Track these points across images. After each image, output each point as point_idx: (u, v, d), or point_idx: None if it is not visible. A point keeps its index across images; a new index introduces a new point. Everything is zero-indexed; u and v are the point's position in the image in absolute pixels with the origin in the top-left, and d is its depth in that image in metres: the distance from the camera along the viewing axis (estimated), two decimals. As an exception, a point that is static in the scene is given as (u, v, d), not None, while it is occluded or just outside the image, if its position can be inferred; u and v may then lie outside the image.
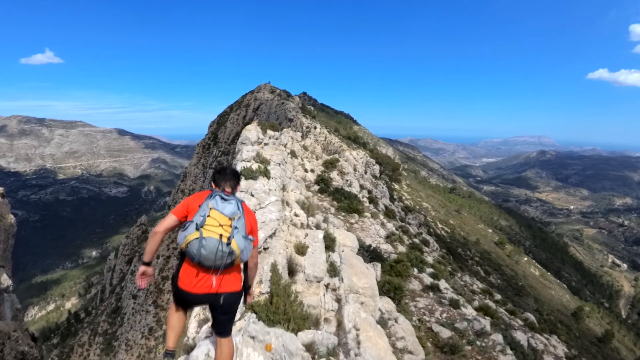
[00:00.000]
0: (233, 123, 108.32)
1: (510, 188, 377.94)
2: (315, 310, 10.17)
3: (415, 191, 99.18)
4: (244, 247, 4.32)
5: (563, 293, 78.35)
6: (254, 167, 13.24)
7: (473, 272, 50.65)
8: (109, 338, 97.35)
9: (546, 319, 45.33)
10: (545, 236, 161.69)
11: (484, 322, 19.01)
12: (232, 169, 5.03)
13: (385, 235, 31.33)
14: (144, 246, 16.30)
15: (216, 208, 4.34)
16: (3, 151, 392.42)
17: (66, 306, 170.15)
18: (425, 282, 23.39)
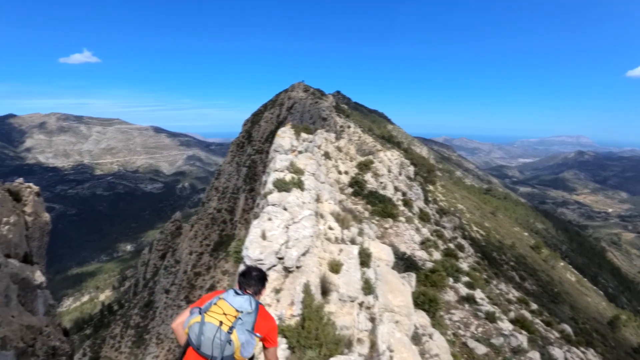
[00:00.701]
0: (267, 122, 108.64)
1: (547, 189, 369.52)
2: (348, 331, 9.83)
3: (450, 192, 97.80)
4: (245, 341, 4.07)
5: (599, 300, 76.21)
6: (287, 178, 12.94)
7: (508, 277, 49.67)
8: (140, 331, 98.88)
9: (582, 328, 44.10)
10: (582, 240, 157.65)
11: (521, 339, 18.39)
12: (258, 273, 4.86)
13: (420, 241, 30.81)
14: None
15: (225, 299, 4.26)
16: (42, 147, 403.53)
17: (100, 298, 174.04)
18: (461, 293, 22.82)
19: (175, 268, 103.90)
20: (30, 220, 16.12)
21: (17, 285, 12.90)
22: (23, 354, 12.45)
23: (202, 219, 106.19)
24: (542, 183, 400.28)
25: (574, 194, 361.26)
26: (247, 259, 9.37)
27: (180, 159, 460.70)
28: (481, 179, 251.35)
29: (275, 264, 9.47)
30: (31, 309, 14.26)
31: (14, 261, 13.47)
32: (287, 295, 8.85)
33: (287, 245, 9.64)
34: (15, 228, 13.85)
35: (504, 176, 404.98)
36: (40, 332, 14.11)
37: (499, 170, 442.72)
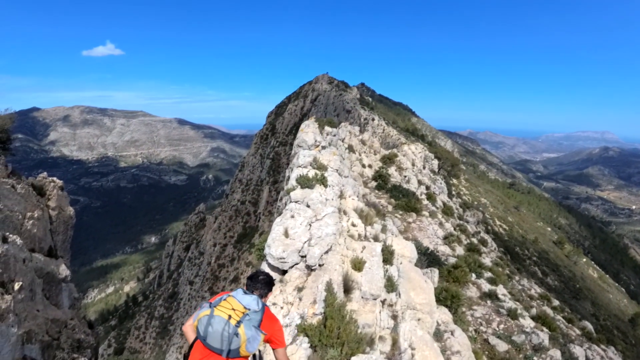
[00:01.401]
0: (291, 114, 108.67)
1: (571, 185, 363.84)
2: (370, 329, 9.86)
3: (474, 186, 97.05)
4: (251, 336, 4.22)
5: (621, 297, 75.01)
6: (311, 174, 12.93)
7: (530, 273, 49.21)
8: (164, 322, 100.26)
9: (603, 324, 43.54)
10: (605, 237, 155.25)
11: (542, 336, 18.24)
12: (265, 277, 5.07)
13: (443, 235, 30.67)
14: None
15: (235, 297, 4.46)
16: (66, 140, 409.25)
17: (125, 290, 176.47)
18: (483, 289, 22.71)
19: (199, 260, 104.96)
20: (55, 214, 16.37)
21: (41, 279, 13.17)
22: (48, 347, 12.72)
23: (226, 210, 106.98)
24: (566, 178, 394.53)
25: (598, 190, 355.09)
26: (270, 257, 9.45)
27: (204, 151, 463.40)
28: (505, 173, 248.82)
29: (297, 262, 9.53)
30: (56, 303, 14.53)
31: (39, 255, 13.72)
32: (309, 294, 8.90)
33: (309, 243, 9.68)
34: (40, 222, 14.09)
35: (528, 171, 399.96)
36: (65, 325, 14.38)
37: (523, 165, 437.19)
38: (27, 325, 11.23)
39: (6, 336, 9.53)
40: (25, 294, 11.28)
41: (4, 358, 9.57)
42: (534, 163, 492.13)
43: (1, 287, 9.89)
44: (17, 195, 13.30)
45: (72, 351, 14.24)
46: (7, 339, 9.60)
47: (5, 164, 13.84)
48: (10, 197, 12.90)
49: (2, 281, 10.09)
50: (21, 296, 10.87)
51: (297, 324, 8.20)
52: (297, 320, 8.31)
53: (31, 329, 11.49)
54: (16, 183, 13.57)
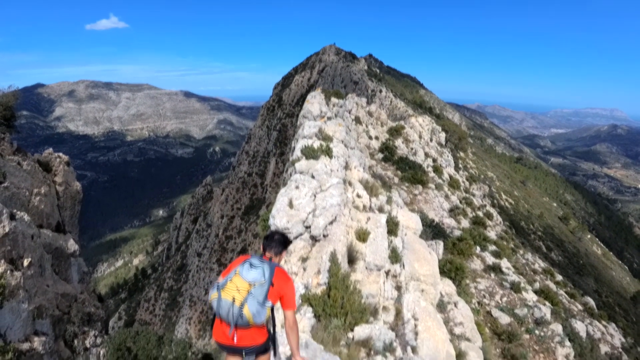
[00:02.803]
0: (297, 85, 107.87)
1: (578, 161, 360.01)
2: (374, 299, 9.92)
3: (481, 160, 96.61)
4: (255, 311, 4.56)
5: (624, 275, 75.12)
6: (316, 145, 12.83)
7: (535, 247, 49.32)
8: (174, 294, 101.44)
9: (605, 301, 43.72)
10: (611, 214, 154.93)
11: (544, 310, 18.33)
12: (280, 236, 5.35)
13: (449, 208, 30.68)
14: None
15: (240, 274, 4.73)
16: (72, 115, 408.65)
17: (134, 263, 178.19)
18: (487, 262, 22.78)
19: (207, 232, 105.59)
20: (61, 190, 16.39)
21: (50, 255, 13.25)
22: (59, 322, 12.88)
23: (233, 183, 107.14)
24: (573, 155, 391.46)
25: (605, 168, 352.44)
26: (274, 227, 9.45)
27: (211, 123, 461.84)
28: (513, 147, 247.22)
29: (302, 232, 9.53)
30: (65, 277, 14.65)
31: (47, 231, 13.78)
32: (313, 264, 8.91)
33: (314, 214, 9.66)
34: (47, 198, 14.12)
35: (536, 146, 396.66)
36: (75, 299, 14.50)
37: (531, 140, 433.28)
38: (37, 301, 11.29)
39: (17, 312, 9.62)
40: (35, 269, 11.34)
41: (16, 334, 9.68)
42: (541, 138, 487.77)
43: (11, 263, 9.91)
44: (23, 172, 13.31)
45: (82, 324, 14.41)
46: (18, 315, 9.69)
47: (10, 142, 13.85)
48: (16, 174, 12.89)
49: (11, 258, 10.10)
50: (31, 272, 10.89)
51: (301, 294, 8.24)
52: (302, 290, 8.35)
53: (41, 304, 11.57)
54: (22, 160, 13.56)
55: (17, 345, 9.63)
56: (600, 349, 20.34)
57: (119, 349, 12.77)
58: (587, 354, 17.87)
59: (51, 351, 11.51)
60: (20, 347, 9.76)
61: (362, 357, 7.54)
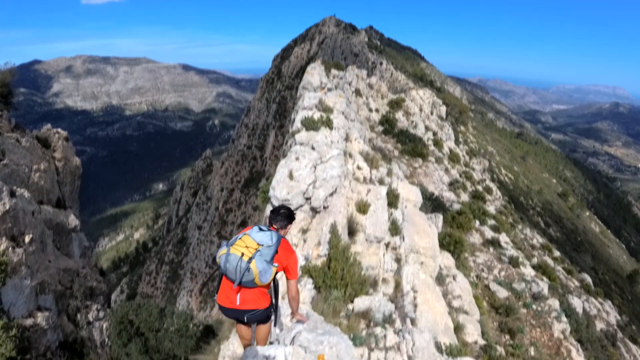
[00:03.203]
0: (297, 57, 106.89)
1: (579, 138, 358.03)
2: (374, 271, 9.91)
3: (481, 134, 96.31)
4: (262, 269, 4.72)
5: (621, 253, 75.51)
6: (316, 116, 12.67)
7: (533, 223, 49.42)
8: (174, 267, 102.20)
9: (601, 278, 43.98)
10: (610, 192, 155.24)
11: (542, 285, 18.39)
12: (286, 210, 5.48)
13: (448, 182, 30.64)
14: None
15: (250, 234, 4.93)
16: (70, 91, 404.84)
17: (135, 237, 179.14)
18: (486, 236, 22.81)
19: (206, 205, 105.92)
20: (61, 166, 16.40)
21: (51, 231, 13.35)
22: (62, 297, 13.05)
23: (233, 156, 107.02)
24: (574, 131, 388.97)
25: (605, 145, 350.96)
26: (274, 199, 9.37)
27: (210, 96, 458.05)
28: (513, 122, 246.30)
29: (302, 204, 9.46)
30: (67, 252, 14.78)
31: (47, 207, 13.85)
32: (314, 236, 8.87)
33: (314, 186, 9.57)
34: (46, 174, 14.12)
35: (537, 121, 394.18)
36: (77, 274, 14.67)
37: (532, 115, 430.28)
38: (39, 277, 11.37)
39: (20, 289, 9.70)
40: (36, 245, 11.38)
41: (19, 310, 9.82)
42: (542, 114, 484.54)
43: (12, 240, 9.96)
44: (22, 148, 13.31)
45: (85, 299, 14.58)
46: (21, 291, 9.78)
47: (8, 119, 13.79)
48: (15, 151, 12.90)
49: (12, 235, 10.14)
50: (32, 248, 10.95)
51: (301, 265, 8.23)
52: (302, 261, 8.34)
53: (44, 279, 11.66)
54: (20, 137, 13.55)
55: (21, 321, 9.77)
56: (595, 325, 20.51)
57: (122, 322, 12.90)
58: (582, 330, 17.99)
59: (54, 326, 11.61)
60: (24, 323, 9.91)
61: (361, 328, 7.54)
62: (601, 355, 17.28)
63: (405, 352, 6.80)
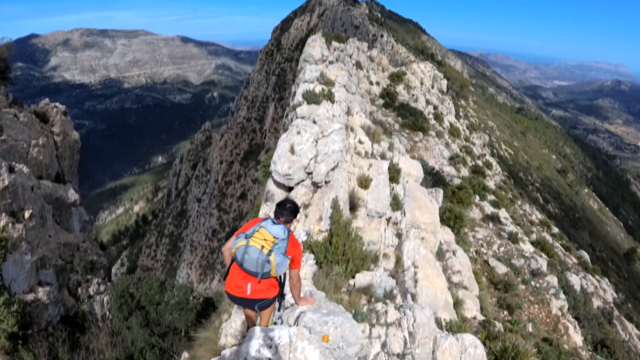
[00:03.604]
0: (297, 29, 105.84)
1: (579, 115, 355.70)
2: (375, 246, 9.86)
3: (482, 108, 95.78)
4: (280, 262, 4.98)
5: (618, 231, 75.72)
6: (317, 89, 12.48)
7: (532, 198, 49.46)
8: (174, 239, 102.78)
9: (598, 256, 44.16)
10: (609, 170, 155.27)
11: (541, 262, 18.41)
12: (291, 205, 5.66)
13: (449, 156, 30.54)
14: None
15: (265, 227, 5.10)
16: (67, 64, 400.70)
17: (135, 210, 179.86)
18: (486, 211, 22.79)
19: (206, 177, 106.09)
20: (59, 140, 16.41)
21: (51, 205, 13.44)
22: (62, 271, 13.16)
23: (232, 128, 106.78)
24: (575, 108, 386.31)
25: (606, 123, 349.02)
26: (275, 173, 9.26)
27: (209, 69, 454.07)
28: (514, 97, 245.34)
29: (303, 179, 9.35)
30: (67, 227, 14.88)
31: (47, 182, 13.91)
32: (315, 211, 8.79)
33: (316, 160, 9.43)
34: (45, 149, 14.10)
35: (538, 97, 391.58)
36: (77, 248, 14.83)
37: (533, 91, 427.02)
38: (40, 252, 11.46)
39: (20, 264, 9.76)
40: (36, 221, 11.45)
41: (20, 285, 9.93)
42: (544, 89, 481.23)
43: (12, 216, 10.06)
44: (20, 124, 13.31)
45: (85, 273, 14.71)
46: (22, 266, 9.85)
47: (5, 94, 13.75)
48: (13, 126, 12.91)
49: (12, 210, 10.24)
50: (32, 224, 11.05)
51: (303, 240, 8.17)
52: (303, 237, 8.28)
53: (44, 254, 11.74)
54: (18, 112, 13.55)
55: (22, 297, 9.91)
56: (592, 302, 20.60)
57: (122, 296, 12.93)
58: (580, 308, 18.09)
59: (55, 301, 11.70)
60: (25, 299, 10.03)
61: (362, 304, 7.52)
62: (598, 333, 17.39)
63: (406, 328, 6.79)
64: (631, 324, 21.44)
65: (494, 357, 10.14)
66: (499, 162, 47.61)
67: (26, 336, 9.71)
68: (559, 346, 13.62)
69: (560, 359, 12.32)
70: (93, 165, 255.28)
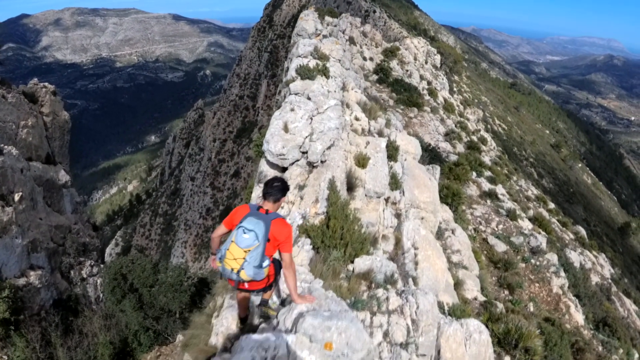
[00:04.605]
0: (289, 5, 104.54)
1: (572, 90, 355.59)
2: (373, 227, 9.46)
3: (475, 84, 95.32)
4: (253, 274, 4.95)
5: (612, 205, 76.06)
6: (312, 64, 11.95)
7: (527, 173, 49.33)
8: (168, 218, 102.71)
9: (593, 230, 44.18)
10: (602, 144, 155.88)
11: (540, 239, 18.13)
12: (279, 183, 5.44)
13: (444, 132, 30.17)
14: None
15: (236, 241, 4.96)
16: (59, 44, 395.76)
17: (128, 189, 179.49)
18: (483, 188, 22.46)
19: (199, 156, 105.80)
20: (49, 121, 16.11)
21: (42, 187, 13.29)
22: (54, 254, 13.11)
23: (225, 106, 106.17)
24: (568, 83, 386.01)
25: (599, 98, 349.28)
26: (268, 153, 8.74)
27: (201, 46, 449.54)
28: (507, 72, 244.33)
29: (298, 158, 8.83)
30: (58, 209, 14.72)
31: (37, 163, 13.63)
32: (311, 192, 8.33)
33: (311, 138, 8.92)
34: (34, 130, 13.80)
35: (530, 72, 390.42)
36: (69, 230, 14.78)
37: (525, 66, 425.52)
38: (31, 235, 11.34)
39: (11, 248, 9.69)
40: (27, 203, 11.29)
41: (11, 270, 9.90)
42: (536, 65, 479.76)
43: (1, 199, 10.03)
44: (8, 105, 13.03)
45: (78, 255, 14.65)
46: (12, 250, 9.80)
47: None
48: (1, 107, 12.71)
49: (1, 194, 10.20)
50: (22, 207, 10.93)
51: (298, 224, 7.73)
52: (299, 220, 7.84)
53: (35, 237, 11.62)
54: (6, 92, 13.28)
55: (14, 281, 9.83)
56: (591, 279, 20.43)
57: (115, 279, 12.64)
58: (580, 285, 17.89)
59: (48, 284, 11.57)
60: (16, 283, 9.96)
61: (362, 290, 7.16)
62: (598, 311, 17.20)
63: (409, 315, 6.46)
64: (629, 299, 21.32)
65: (497, 340, 9.88)
66: (493, 138, 47.35)
67: (18, 321, 9.65)
68: (561, 326, 13.39)
69: (562, 339, 12.05)
70: (86, 145, 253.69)
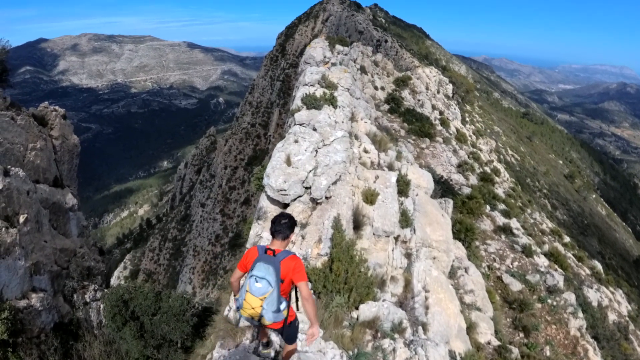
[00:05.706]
0: (301, 35, 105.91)
1: (585, 119, 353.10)
2: (381, 269, 8.80)
3: (487, 113, 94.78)
4: (274, 318, 4.95)
5: (627, 237, 74.58)
6: (318, 93, 11.42)
7: (540, 205, 48.46)
8: (177, 244, 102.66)
9: (608, 264, 43.05)
10: (616, 174, 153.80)
11: (557, 278, 17.30)
12: (286, 220, 5.34)
13: (456, 163, 29.53)
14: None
15: (250, 291, 4.93)
16: (75, 69, 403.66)
17: (139, 213, 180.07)
18: (498, 222, 21.70)
19: (210, 182, 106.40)
20: (58, 144, 16.40)
21: (48, 210, 13.56)
22: (58, 277, 13.38)
23: (236, 133, 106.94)
24: (581, 111, 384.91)
25: (612, 126, 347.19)
26: (269, 188, 8.14)
27: (215, 74, 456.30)
28: (519, 102, 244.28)
29: (300, 194, 8.21)
30: (64, 232, 14.92)
31: (44, 186, 13.88)
32: (313, 231, 7.71)
33: (315, 173, 8.34)
34: (43, 153, 14.06)
35: (543, 101, 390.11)
36: (74, 254, 14.78)
37: (538, 95, 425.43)
38: (34, 257, 11.36)
39: (13, 269, 9.63)
40: (32, 225, 11.36)
41: (13, 291, 9.78)
42: (549, 94, 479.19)
43: (5, 220, 9.83)
44: (17, 127, 13.18)
45: (82, 279, 14.64)
46: (15, 272, 9.70)
47: (3, 96, 13.44)
48: (10, 129, 12.69)
49: (6, 215, 10.02)
50: (27, 228, 10.80)
51: (299, 266, 7.15)
52: (300, 262, 7.25)
53: (39, 260, 11.69)
54: (16, 115, 13.53)
55: (14, 303, 9.68)
56: (608, 317, 19.53)
57: (116, 306, 12.42)
58: (599, 326, 17.02)
59: (49, 307, 11.48)
60: (17, 305, 9.80)
61: (367, 340, 6.56)
62: (618, 354, 16.28)
63: (418, 370, 5.80)
64: (647, 338, 20.30)
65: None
66: (506, 168, 46.66)
67: (16, 344, 9.58)
68: (580, 372, 12.56)
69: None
70: (99, 168, 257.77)
